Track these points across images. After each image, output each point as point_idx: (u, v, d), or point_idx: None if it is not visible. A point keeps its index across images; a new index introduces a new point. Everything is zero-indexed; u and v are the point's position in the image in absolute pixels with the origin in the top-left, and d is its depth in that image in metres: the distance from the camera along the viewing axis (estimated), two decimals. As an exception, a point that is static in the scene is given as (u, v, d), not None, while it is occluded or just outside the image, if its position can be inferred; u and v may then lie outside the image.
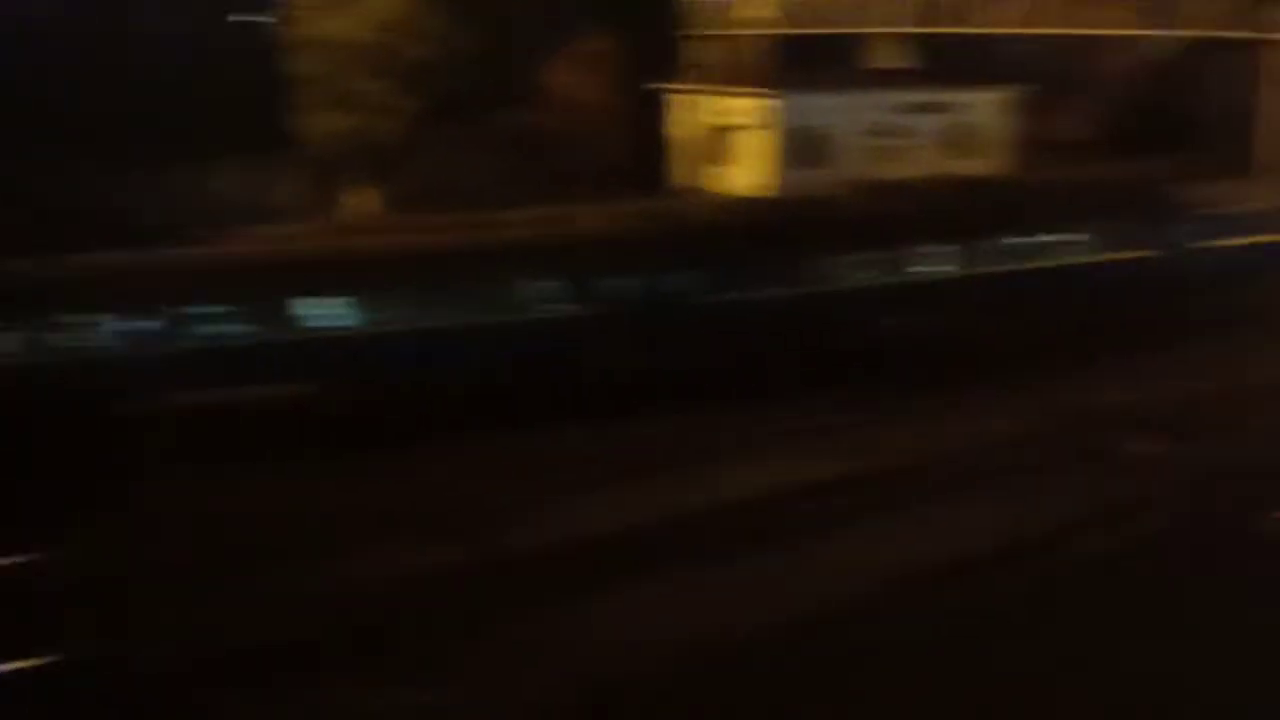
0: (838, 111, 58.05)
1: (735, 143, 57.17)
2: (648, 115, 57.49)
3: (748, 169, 57.21)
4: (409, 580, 22.07)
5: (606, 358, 31.55)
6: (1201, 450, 28.50)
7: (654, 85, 58.22)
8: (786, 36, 48.26)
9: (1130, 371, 34.47)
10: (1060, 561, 23.07)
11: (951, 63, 62.52)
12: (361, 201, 51.76)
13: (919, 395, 31.86)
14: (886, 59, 61.52)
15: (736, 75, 53.40)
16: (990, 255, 39.98)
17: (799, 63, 54.50)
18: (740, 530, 24.08)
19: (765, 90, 56.05)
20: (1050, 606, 21.22)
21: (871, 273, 37.72)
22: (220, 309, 30.18)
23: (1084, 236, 42.43)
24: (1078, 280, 41.08)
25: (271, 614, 21.00)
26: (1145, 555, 23.16)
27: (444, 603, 21.32)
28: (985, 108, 63.04)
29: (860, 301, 36.48)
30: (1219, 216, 45.33)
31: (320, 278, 31.83)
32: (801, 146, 58.04)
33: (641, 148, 55.10)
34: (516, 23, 60.56)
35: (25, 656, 19.08)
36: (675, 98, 57.99)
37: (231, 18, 53.64)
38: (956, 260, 38.75)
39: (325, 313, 31.16)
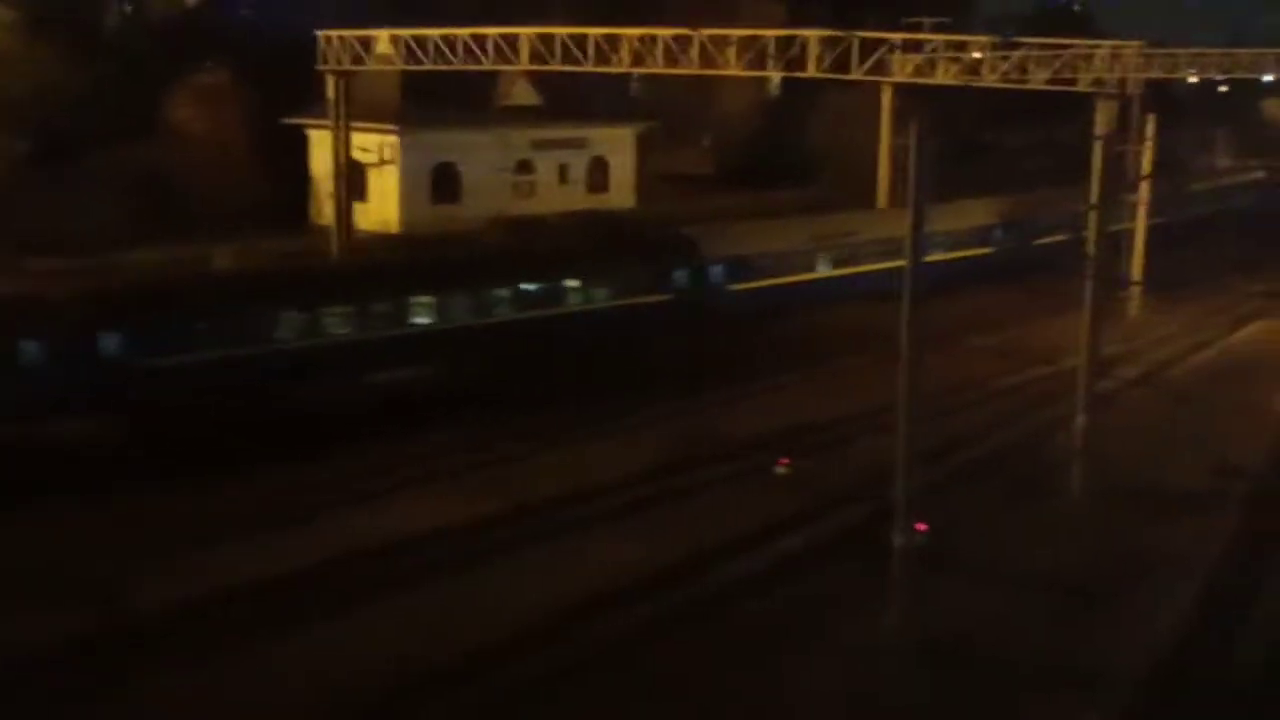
0: (471, 148, 58.42)
1: (370, 179, 56.56)
2: (286, 151, 56.16)
3: (382, 206, 56.68)
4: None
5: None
6: (817, 470, 29.98)
7: (291, 121, 56.91)
8: (424, 73, 48.19)
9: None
10: (710, 585, 23.71)
11: (581, 100, 64.07)
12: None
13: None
14: (517, 96, 62.38)
15: (373, 111, 52.89)
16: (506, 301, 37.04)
17: (435, 99, 54.48)
18: (392, 570, 23.68)
19: (398, 127, 55.75)
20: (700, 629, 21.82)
21: (367, 324, 33.96)
22: None
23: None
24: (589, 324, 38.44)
25: None
26: (788, 578, 24.18)
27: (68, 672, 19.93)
28: (614, 143, 64.90)
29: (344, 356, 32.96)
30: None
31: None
32: (435, 182, 58.06)
33: (280, 185, 53.72)
34: (135, 56, 58.05)
35: None
36: (313, 134, 56.85)
37: None
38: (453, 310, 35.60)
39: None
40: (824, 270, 47.06)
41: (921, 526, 21.04)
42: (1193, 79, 58.17)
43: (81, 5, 60.65)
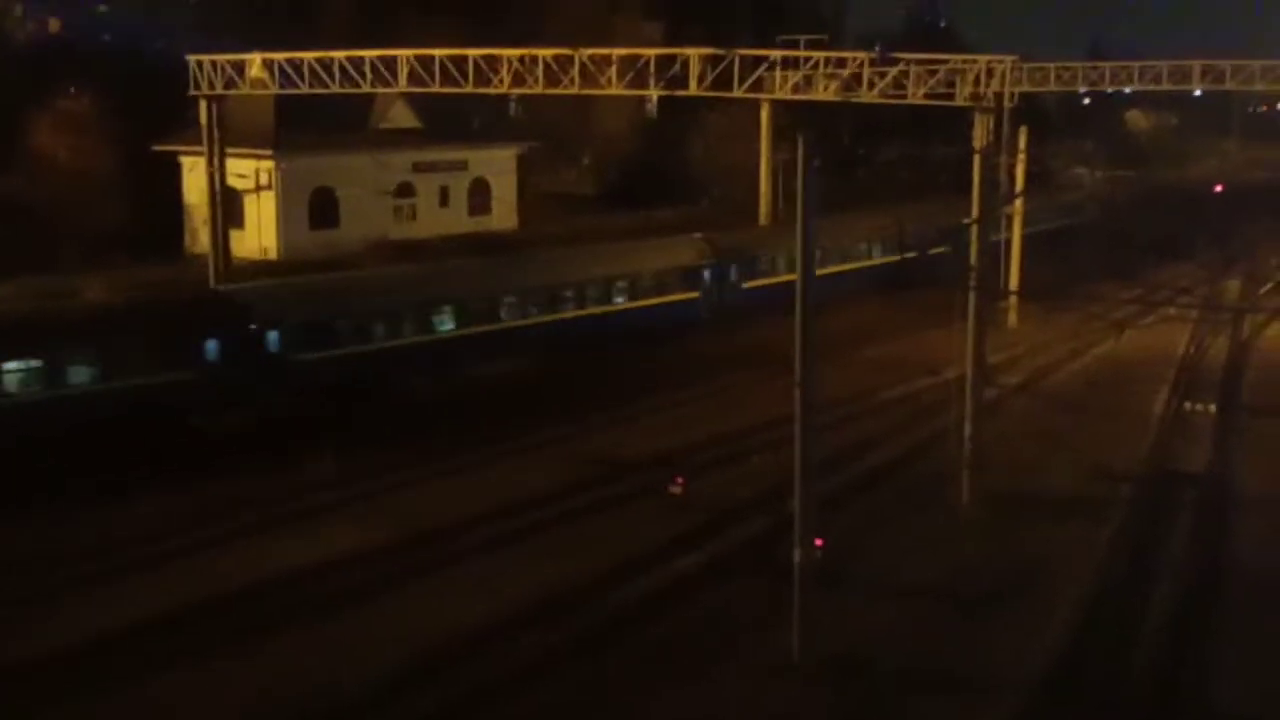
0: (350, 172, 57.64)
1: (247, 206, 55.50)
2: (157, 179, 54.83)
3: (260, 232, 55.65)
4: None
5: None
6: (710, 487, 29.96)
7: (162, 147, 55.59)
8: (299, 97, 47.37)
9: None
10: (604, 607, 23.45)
11: (457, 122, 63.69)
12: None
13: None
14: (396, 119, 61.76)
15: (248, 136, 51.89)
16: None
17: (312, 123, 53.66)
18: (279, 608, 23.03)
19: (273, 152, 54.80)
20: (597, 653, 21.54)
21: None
22: None
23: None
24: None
25: None
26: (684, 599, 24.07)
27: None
28: (494, 165, 64.55)
29: None
30: None
31: None
32: (314, 208, 57.16)
33: (152, 213, 52.40)
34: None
35: None
36: (186, 160, 55.59)
37: None
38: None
39: None
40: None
41: (819, 542, 21.02)
42: (1066, 91, 59.59)
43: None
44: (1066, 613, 23.42)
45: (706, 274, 46.16)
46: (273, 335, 34.12)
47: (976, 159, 30.46)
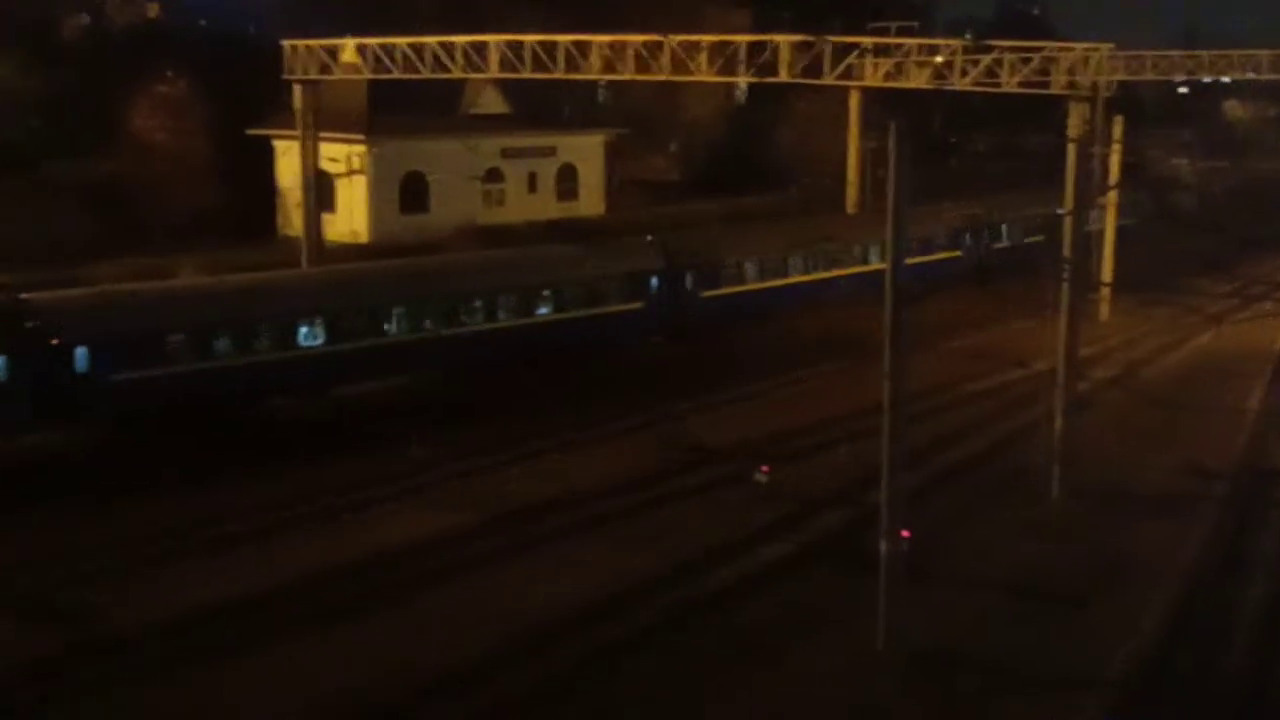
0: (440, 156, 58.07)
1: (339, 189, 56.14)
2: (250, 162, 55.64)
3: (351, 216, 56.26)
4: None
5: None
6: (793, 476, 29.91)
7: (256, 131, 56.38)
8: (390, 82, 47.86)
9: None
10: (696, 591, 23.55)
11: (546, 108, 63.90)
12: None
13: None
14: (486, 104, 62.12)
15: (340, 121, 52.49)
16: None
17: (403, 107, 54.15)
18: (367, 588, 23.41)
19: (365, 136, 55.35)
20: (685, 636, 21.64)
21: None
22: None
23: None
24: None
25: None
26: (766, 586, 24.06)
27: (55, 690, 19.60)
28: (583, 151, 64.70)
29: None
30: None
31: None
32: (404, 192, 57.69)
33: (245, 196, 53.22)
34: (94, 66, 57.42)
35: None
36: (279, 144, 56.35)
37: None
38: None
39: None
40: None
41: (905, 534, 20.88)
42: (1163, 80, 58.51)
43: (41, 16, 59.96)
44: (1157, 611, 23.07)
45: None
46: (81, 351, 29.86)
47: (1071, 149, 29.99)
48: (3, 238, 46.26)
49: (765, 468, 29.43)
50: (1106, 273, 48.51)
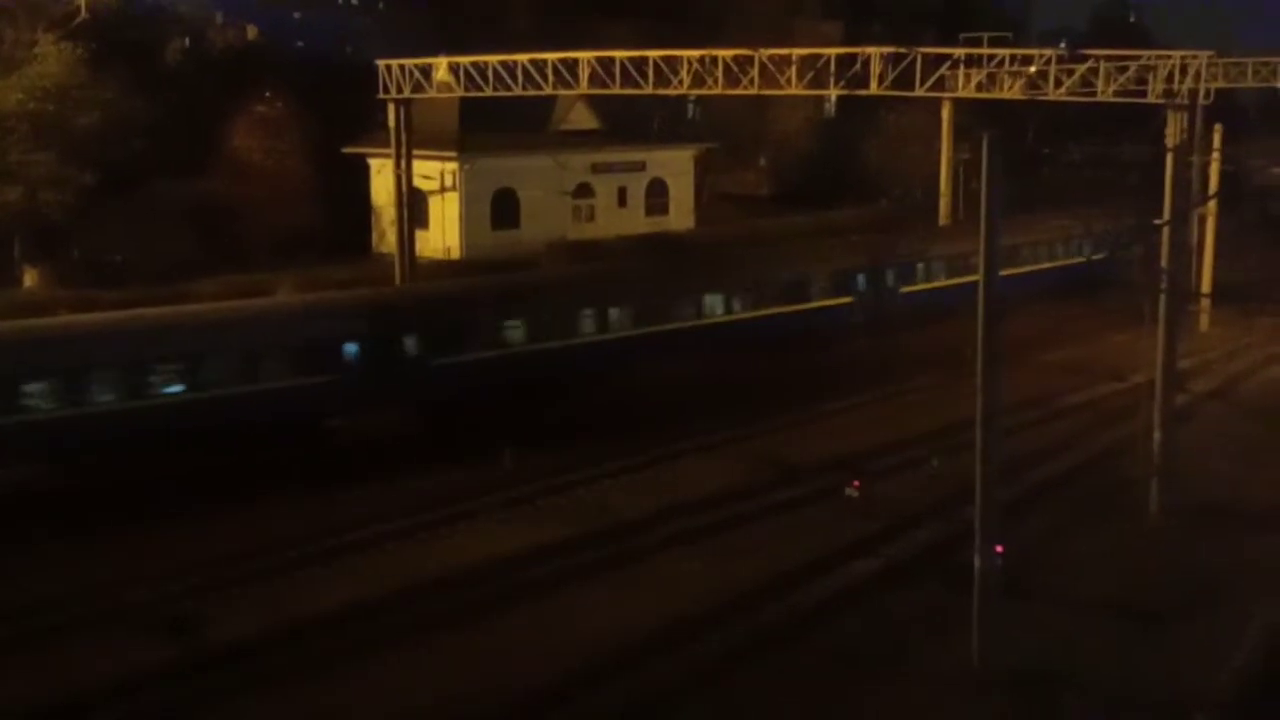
0: (530, 173, 58.58)
1: (431, 206, 56.87)
2: (346, 180, 56.56)
3: (444, 232, 56.95)
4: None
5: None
6: (888, 491, 29.75)
7: (351, 149, 57.33)
8: (482, 99, 48.44)
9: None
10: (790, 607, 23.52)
11: (636, 123, 64.17)
12: (33, 278, 48.87)
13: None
14: (576, 120, 62.54)
15: (433, 138, 53.23)
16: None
17: (493, 124, 54.75)
18: (460, 603, 23.66)
19: (458, 153, 56.02)
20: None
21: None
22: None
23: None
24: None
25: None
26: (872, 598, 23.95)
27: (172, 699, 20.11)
28: (672, 165, 64.88)
29: None
30: None
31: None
32: (495, 208, 58.27)
33: (340, 213, 54.11)
34: (195, 88, 58.72)
35: None
36: (374, 162, 57.26)
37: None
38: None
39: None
40: None
41: (999, 549, 20.68)
42: (1265, 86, 57.31)
43: (144, 39, 61.44)
44: (1257, 631, 22.60)
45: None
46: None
47: (1169, 158, 29.53)
48: (109, 257, 47.62)
49: (856, 482, 29.28)
50: (1206, 283, 47.64)
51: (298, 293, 40.80)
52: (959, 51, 41.78)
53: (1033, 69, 39.74)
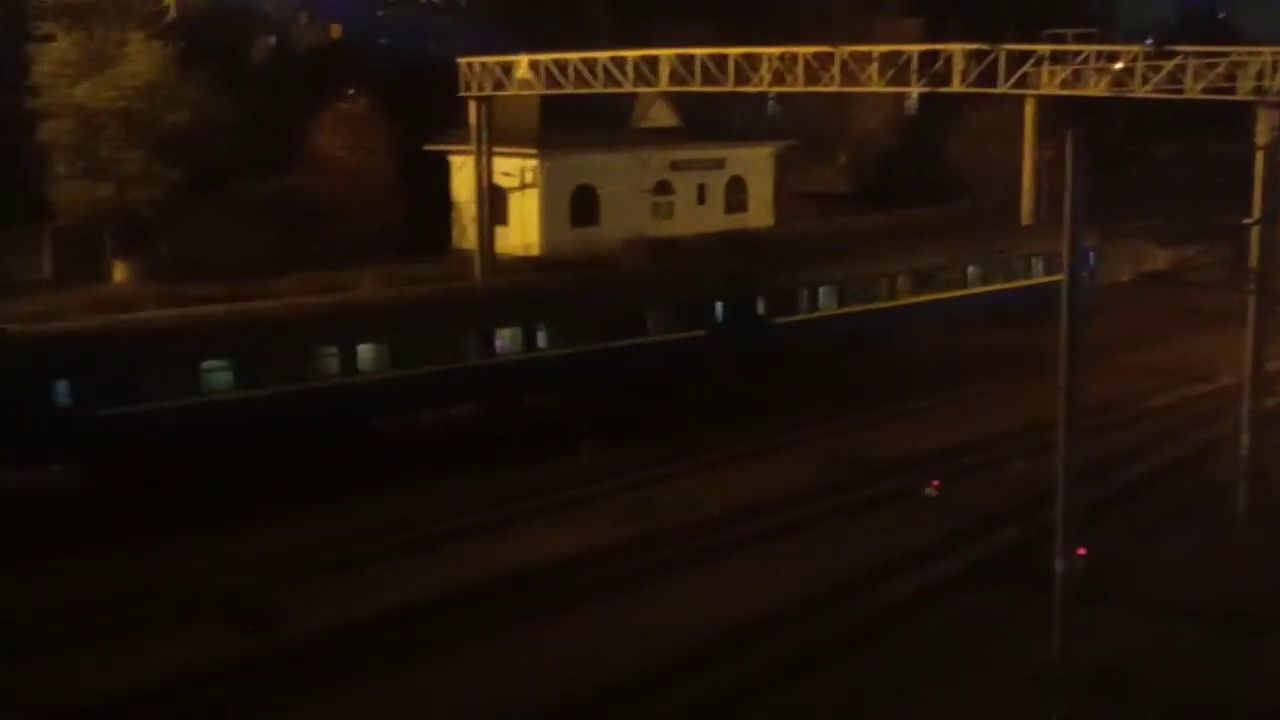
0: (610, 170, 58.76)
1: (511, 203, 57.23)
2: (426, 177, 57.10)
3: (523, 229, 57.28)
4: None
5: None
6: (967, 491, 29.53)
7: (432, 147, 57.84)
8: (562, 96, 48.72)
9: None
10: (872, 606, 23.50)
11: (716, 120, 64.12)
12: (123, 272, 49.90)
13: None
14: (656, 117, 62.64)
15: (514, 136, 53.59)
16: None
17: (572, 121, 55.01)
18: (537, 599, 23.83)
19: (538, 150, 56.32)
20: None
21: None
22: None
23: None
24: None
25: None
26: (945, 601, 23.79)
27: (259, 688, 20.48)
28: (752, 163, 64.77)
29: None
30: None
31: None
32: (575, 205, 58.54)
33: (421, 210, 54.66)
34: (281, 86, 59.55)
35: None
36: (455, 159, 57.72)
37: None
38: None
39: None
40: None
41: (1081, 551, 20.43)
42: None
43: (231, 38, 62.43)
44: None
45: None
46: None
47: (1259, 156, 29.00)
48: (196, 253, 48.44)
49: (935, 482, 29.07)
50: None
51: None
52: (1044, 48, 41.39)
53: (1119, 65, 39.26)
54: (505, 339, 33.98)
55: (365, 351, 31.63)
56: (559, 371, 34.06)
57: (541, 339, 34.13)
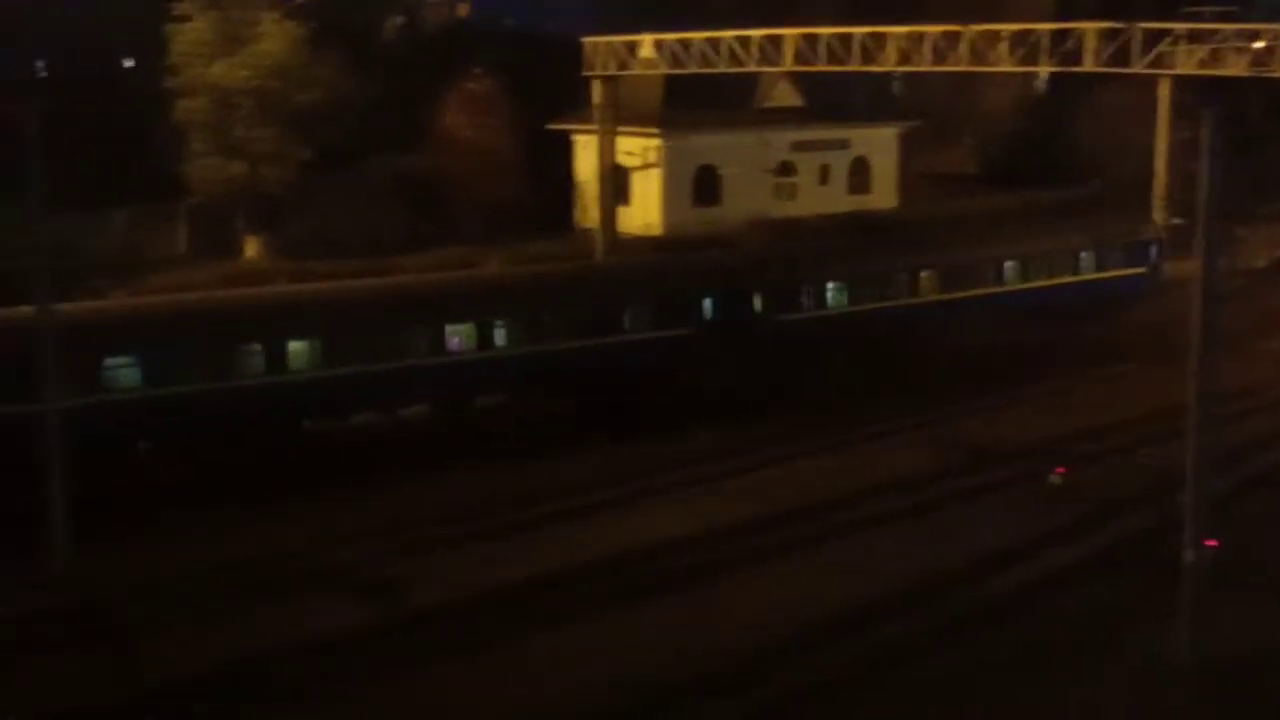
0: (732, 150, 58.60)
1: (634, 182, 57.41)
2: (549, 156, 57.53)
3: (645, 209, 57.44)
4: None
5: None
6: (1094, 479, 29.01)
7: (555, 126, 58.24)
8: (685, 76, 48.71)
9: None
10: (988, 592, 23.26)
11: (840, 100, 63.57)
12: (254, 249, 51.08)
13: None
14: (779, 97, 62.30)
15: (637, 115, 53.70)
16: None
17: (694, 101, 54.97)
18: (659, 574, 24.01)
19: (661, 130, 56.39)
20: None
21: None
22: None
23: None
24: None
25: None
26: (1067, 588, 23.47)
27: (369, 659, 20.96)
28: (876, 143, 64.11)
29: None
30: None
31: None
32: (697, 185, 58.52)
33: (543, 189, 55.11)
34: (408, 66, 60.43)
35: None
36: (578, 138, 58.07)
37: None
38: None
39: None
40: None
41: (1212, 542, 20.02)
42: None
43: (360, 19, 63.45)
44: None
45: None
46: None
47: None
48: (326, 230, 49.43)
49: (1061, 469, 28.65)
50: None
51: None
52: (1180, 27, 40.39)
53: (1259, 44, 38.18)
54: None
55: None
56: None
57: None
